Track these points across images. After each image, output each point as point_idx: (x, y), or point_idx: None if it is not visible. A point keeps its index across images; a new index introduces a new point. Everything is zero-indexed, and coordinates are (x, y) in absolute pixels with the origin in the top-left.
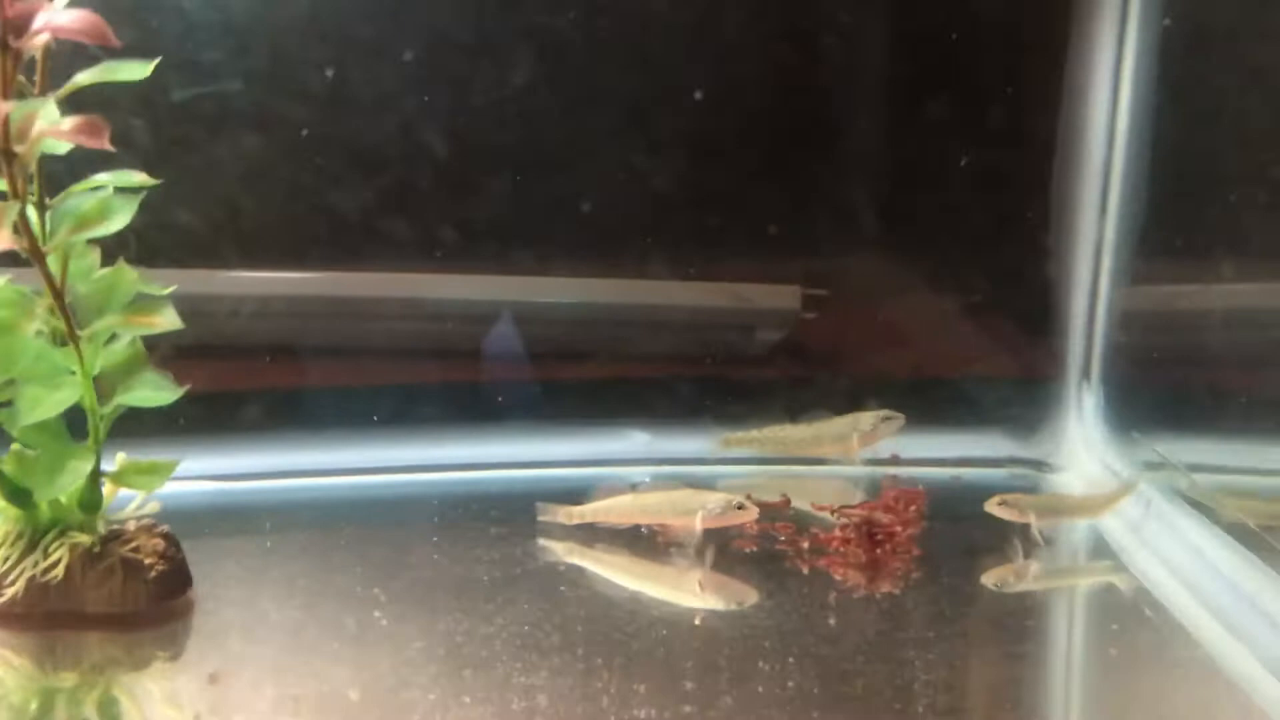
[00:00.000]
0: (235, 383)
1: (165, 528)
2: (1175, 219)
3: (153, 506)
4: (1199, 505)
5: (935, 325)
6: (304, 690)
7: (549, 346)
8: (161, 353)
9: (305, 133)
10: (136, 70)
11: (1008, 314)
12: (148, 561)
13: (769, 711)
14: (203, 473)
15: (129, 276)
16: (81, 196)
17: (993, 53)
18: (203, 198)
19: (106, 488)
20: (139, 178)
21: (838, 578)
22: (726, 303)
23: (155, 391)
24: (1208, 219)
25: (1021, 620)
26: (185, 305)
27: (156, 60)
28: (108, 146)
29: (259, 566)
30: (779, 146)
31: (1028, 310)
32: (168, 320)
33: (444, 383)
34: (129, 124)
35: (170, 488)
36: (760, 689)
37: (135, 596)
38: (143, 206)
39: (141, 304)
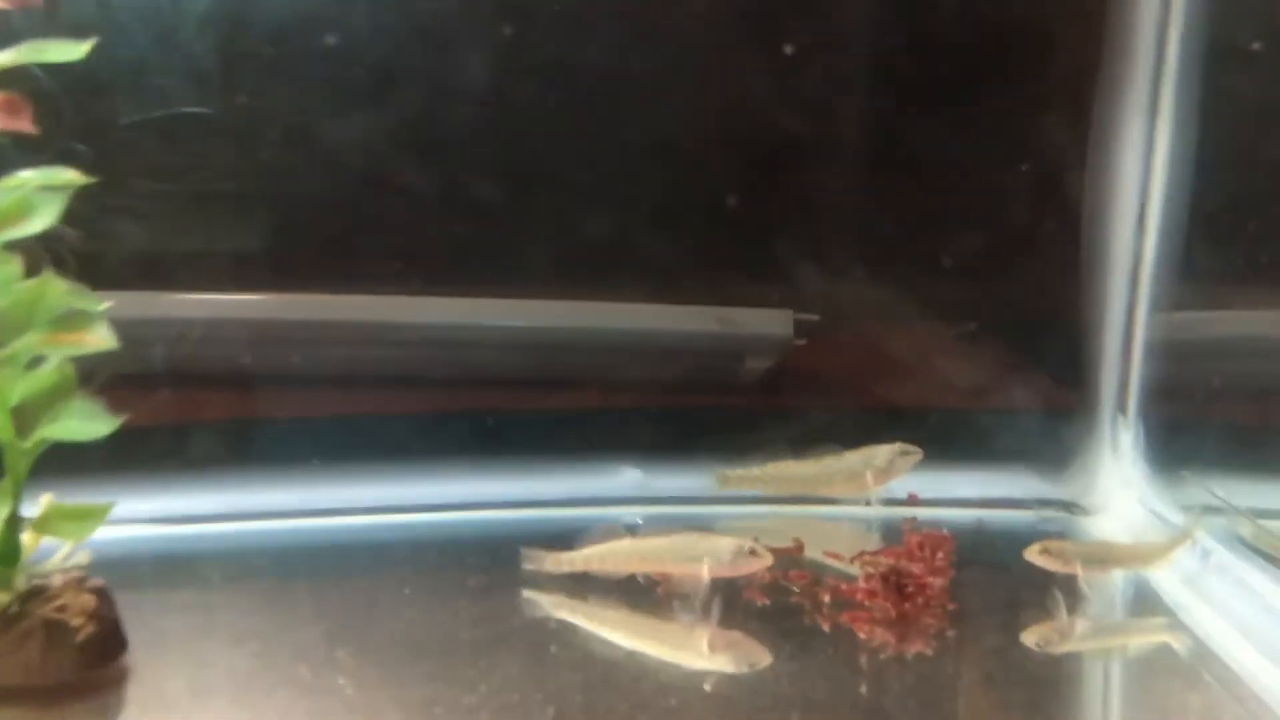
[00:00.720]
0: (179, 414)
1: (98, 582)
2: (1223, 236)
3: (82, 557)
4: (1266, 555)
5: (953, 353)
6: None
7: (528, 374)
8: (99, 382)
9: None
10: (68, 51)
11: (1033, 340)
12: (75, 623)
13: None
14: (142, 515)
15: (57, 288)
16: None
17: (1017, 55)
18: (147, 213)
19: (27, 536)
20: (69, 175)
21: (863, 636)
22: (714, 328)
23: (85, 423)
24: (1260, 235)
25: (1077, 688)
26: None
27: (92, 40)
28: (28, 129)
29: (205, 624)
30: (784, 160)
31: (1055, 336)
32: (100, 338)
33: (416, 414)
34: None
35: (104, 533)
36: None
37: (59, 665)
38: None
39: (70, 319)
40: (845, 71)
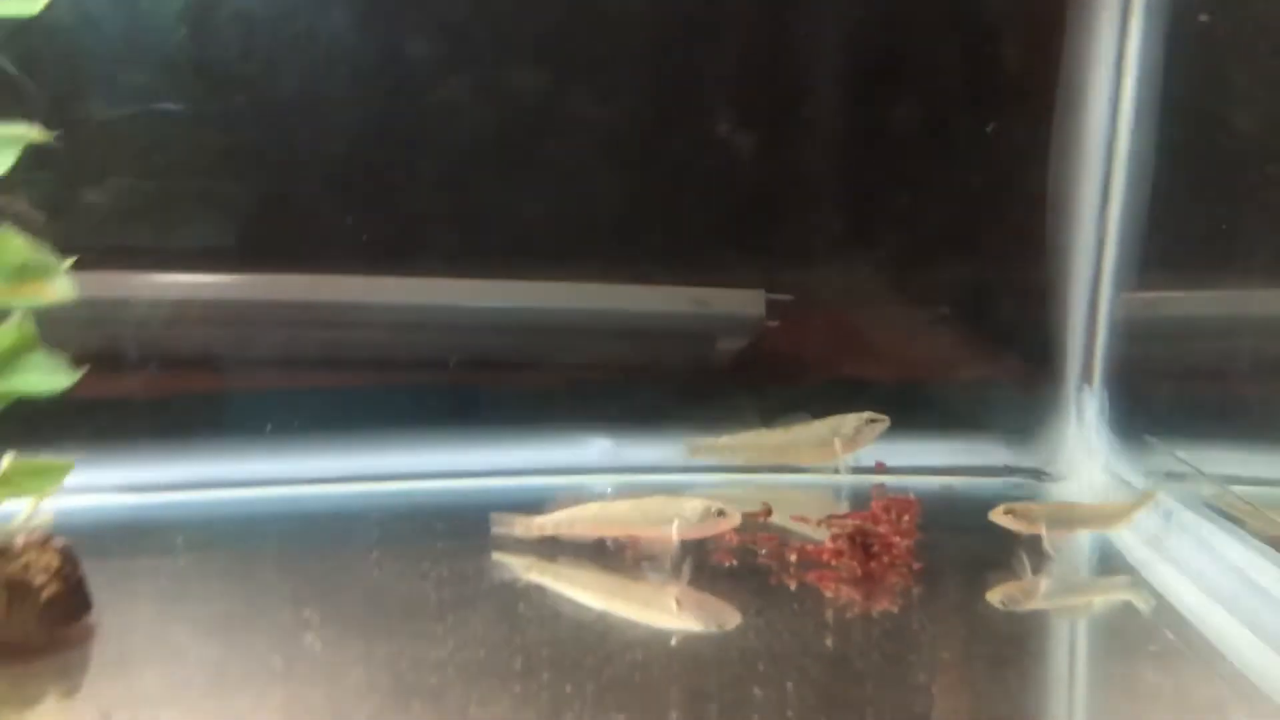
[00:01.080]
0: (147, 387)
1: (61, 541)
2: (1185, 212)
3: (45, 518)
4: (1227, 516)
5: (922, 326)
6: None
7: (501, 355)
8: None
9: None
10: (24, 4)
11: (999, 313)
12: (39, 581)
13: None
14: (106, 484)
15: (15, 242)
16: None
17: (982, 33)
18: (116, 194)
19: None
20: (22, 130)
21: (829, 594)
22: (687, 308)
23: (46, 376)
24: (1222, 212)
25: (1039, 642)
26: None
27: None
28: None
29: (171, 588)
30: (750, 140)
31: (1021, 309)
32: (60, 289)
33: (382, 386)
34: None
35: (69, 500)
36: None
37: (23, 622)
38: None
39: (29, 271)
40: (811, 55)
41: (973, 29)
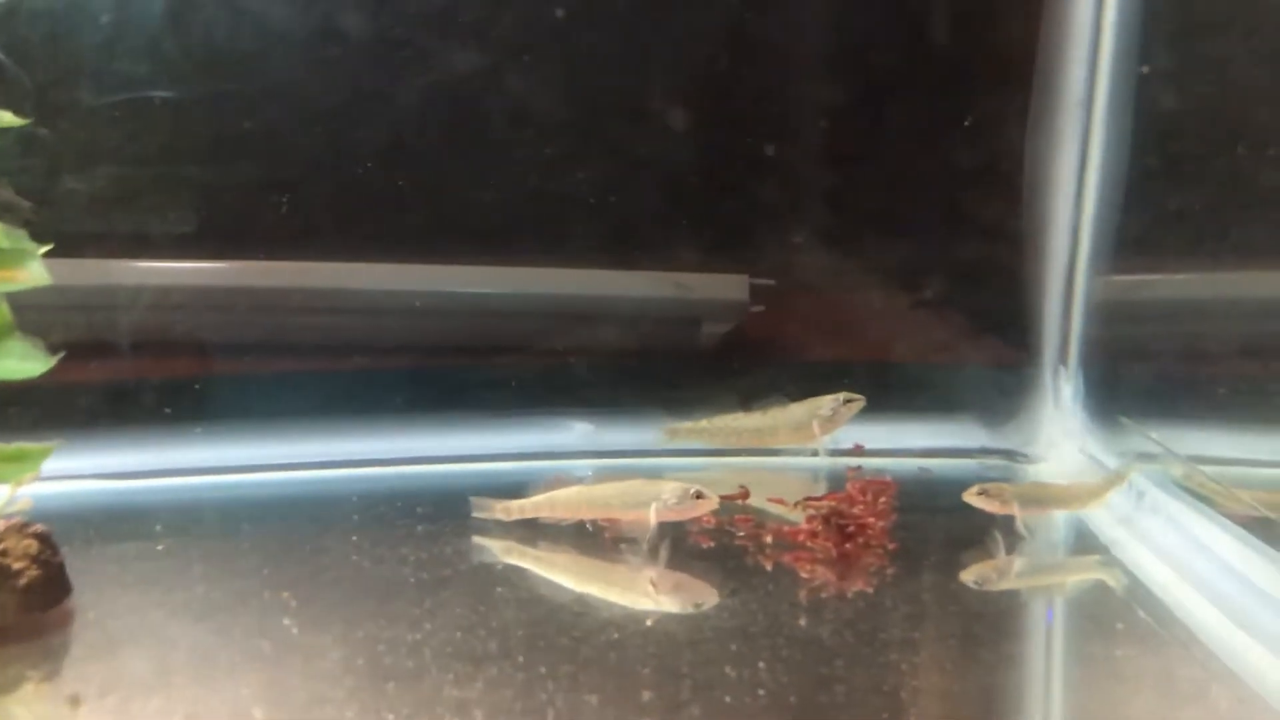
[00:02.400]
0: (125, 373)
1: (40, 527)
2: (1161, 197)
3: (24, 503)
4: (1198, 495)
5: (899, 309)
6: (200, 710)
7: (486, 340)
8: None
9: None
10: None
11: (975, 296)
12: (17, 566)
13: None
14: (85, 470)
15: None
16: None
17: (957, 17)
18: (100, 182)
19: None
20: (5, 117)
21: (805, 575)
22: (669, 293)
23: (21, 362)
24: (1197, 197)
25: (1011, 620)
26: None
27: None
28: None
29: (150, 572)
30: (730, 126)
31: (997, 292)
32: (33, 275)
33: (361, 372)
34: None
35: (48, 487)
36: (728, 699)
37: (1, 607)
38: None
39: (4, 257)
40: (803, 57)
41: (948, 14)
